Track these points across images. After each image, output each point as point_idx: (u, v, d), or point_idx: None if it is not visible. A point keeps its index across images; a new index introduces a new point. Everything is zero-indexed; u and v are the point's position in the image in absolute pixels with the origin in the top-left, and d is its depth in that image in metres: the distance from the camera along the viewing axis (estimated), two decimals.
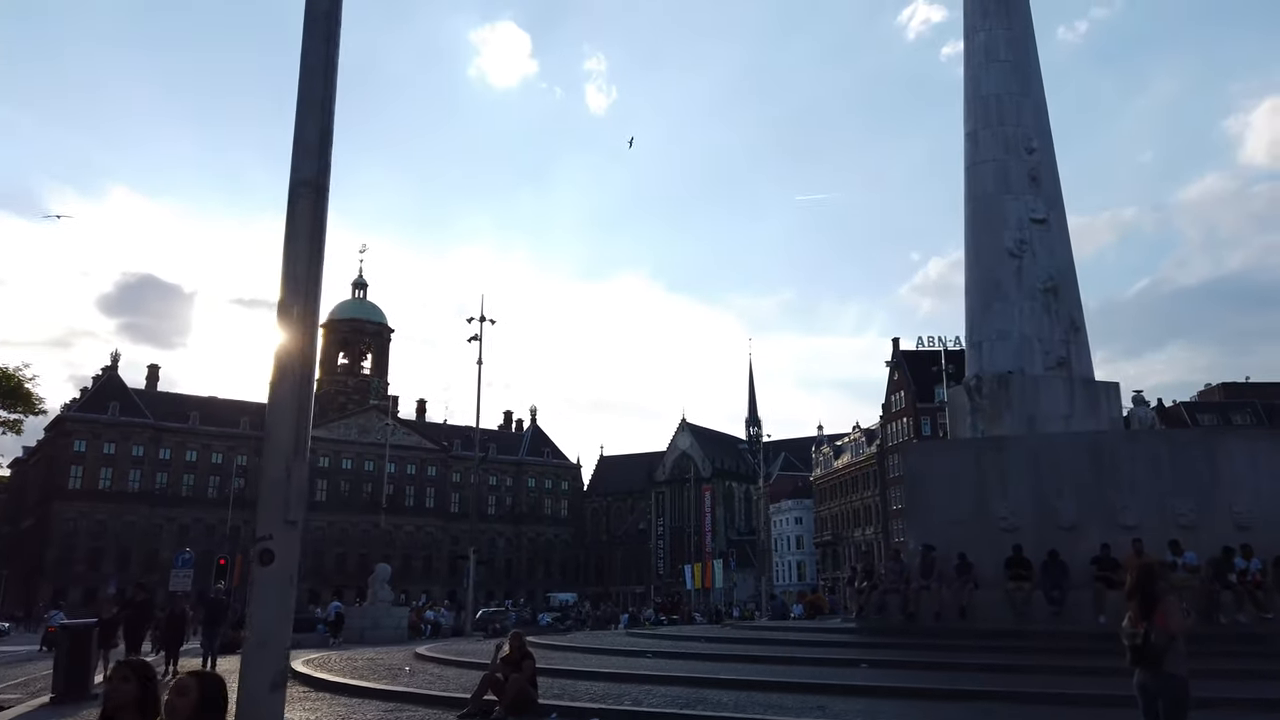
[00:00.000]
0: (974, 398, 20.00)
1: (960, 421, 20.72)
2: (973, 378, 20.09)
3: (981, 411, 19.80)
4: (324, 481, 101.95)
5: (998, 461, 15.22)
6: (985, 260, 22.01)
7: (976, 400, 19.93)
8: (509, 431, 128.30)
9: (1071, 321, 21.22)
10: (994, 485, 15.11)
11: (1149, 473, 14.42)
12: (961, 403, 20.39)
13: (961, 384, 20.23)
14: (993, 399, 19.61)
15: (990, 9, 22.75)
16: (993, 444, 15.90)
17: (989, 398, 19.72)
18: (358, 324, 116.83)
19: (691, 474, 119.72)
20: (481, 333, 36.53)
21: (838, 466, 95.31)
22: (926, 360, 78.33)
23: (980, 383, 20.12)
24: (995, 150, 22.33)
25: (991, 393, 19.72)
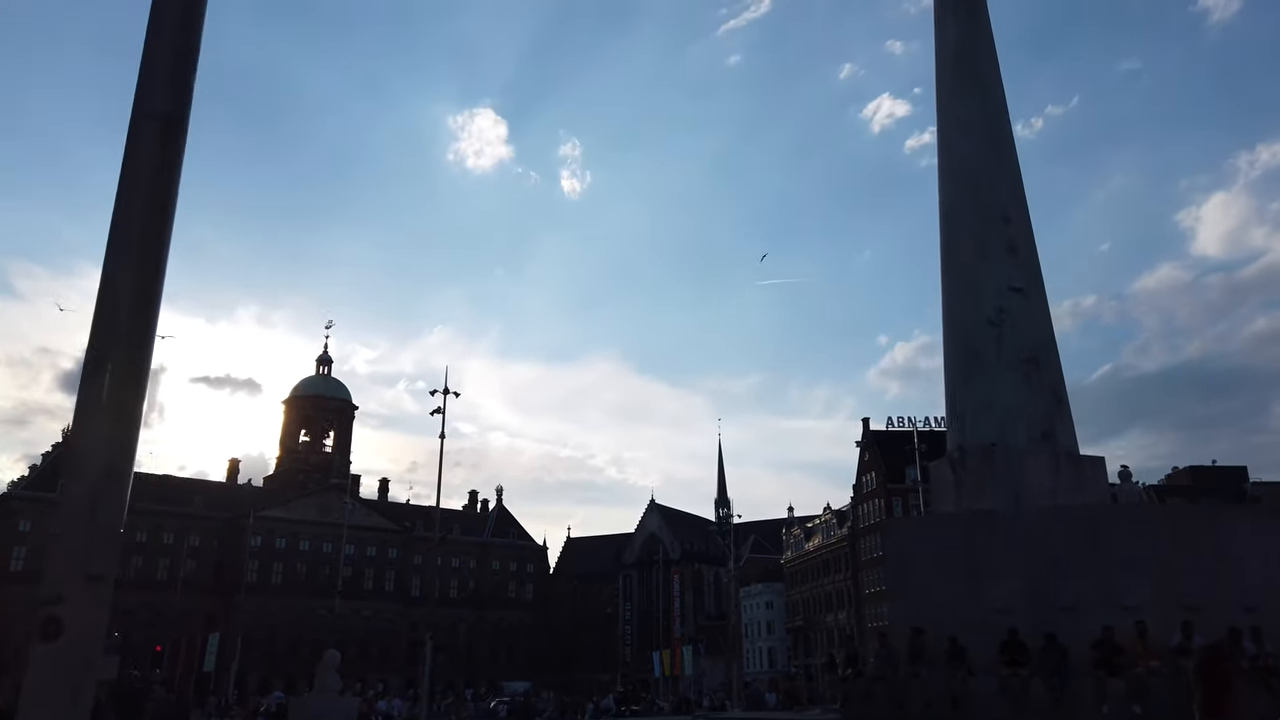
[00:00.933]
0: (957, 471, 19.06)
1: (943, 496, 19.73)
2: (955, 450, 19.20)
3: (965, 486, 18.86)
4: (280, 564, 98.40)
5: (989, 538, 14.27)
6: (964, 330, 21.32)
7: (960, 474, 19.00)
8: (474, 512, 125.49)
9: (1054, 393, 20.49)
10: (985, 563, 14.12)
11: (1149, 550, 13.53)
12: (944, 477, 19.44)
13: (944, 457, 19.33)
14: (976, 472, 18.69)
15: (964, 82, 22.63)
16: (983, 519, 14.96)
17: (973, 471, 18.80)
18: (321, 401, 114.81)
19: (660, 556, 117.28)
20: (445, 406, 35.40)
21: (809, 549, 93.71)
22: (897, 441, 77.76)
23: (963, 455, 19.22)
24: (971, 219, 21.89)
25: (975, 466, 18.81)
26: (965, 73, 22.31)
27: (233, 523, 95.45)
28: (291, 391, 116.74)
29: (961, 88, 22.18)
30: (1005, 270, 20.82)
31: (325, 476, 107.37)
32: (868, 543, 79.08)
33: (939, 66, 22.81)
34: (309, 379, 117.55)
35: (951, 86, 22.36)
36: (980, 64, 22.34)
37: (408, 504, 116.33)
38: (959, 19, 22.62)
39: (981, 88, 22.14)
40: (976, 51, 22.48)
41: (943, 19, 22.89)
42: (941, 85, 22.58)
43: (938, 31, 23.08)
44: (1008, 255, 21.07)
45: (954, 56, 22.48)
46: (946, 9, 22.79)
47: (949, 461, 18.95)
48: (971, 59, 22.36)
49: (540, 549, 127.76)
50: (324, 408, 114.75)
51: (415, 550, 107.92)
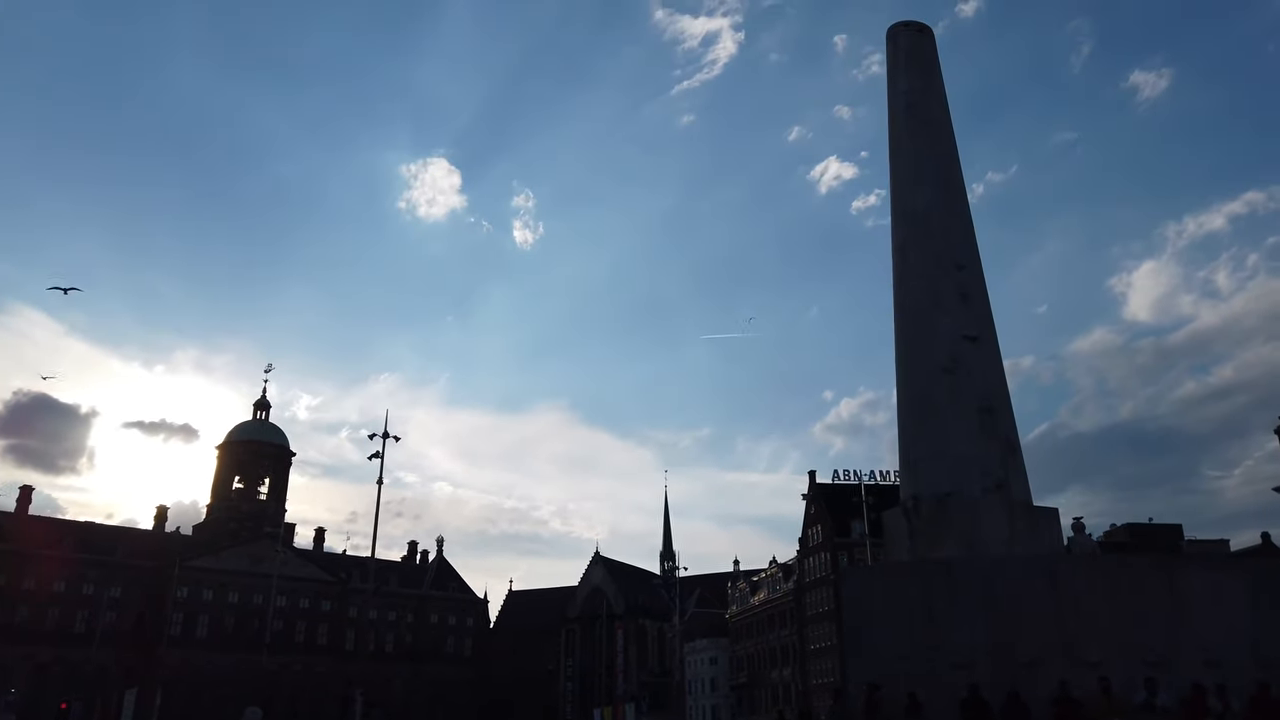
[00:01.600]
0: (911, 520, 18.62)
1: (898, 545, 19.24)
2: (909, 499, 18.78)
3: (919, 535, 18.40)
4: (207, 616, 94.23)
5: (947, 588, 13.76)
6: (918, 377, 21.04)
7: (914, 522, 18.56)
8: (413, 563, 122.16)
9: (1008, 442, 20.23)
10: (944, 615, 13.58)
11: (1110, 602, 13.13)
12: (899, 525, 18.97)
13: (899, 506, 18.87)
14: (931, 522, 18.25)
15: (916, 130, 22.72)
16: (941, 569, 14.45)
17: (927, 520, 18.37)
18: (256, 446, 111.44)
19: (604, 610, 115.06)
20: (384, 450, 34.23)
21: (754, 603, 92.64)
22: (843, 494, 77.69)
23: (918, 504, 18.79)
24: (925, 265, 21.76)
25: (930, 515, 18.38)
26: (917, 121, 22.40)
27: (158, 572, 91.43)
28: (226, 436, 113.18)
29: (914, 136, 22.24)
30: (958, 318, 20.66)
31: (258, 525, 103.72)
32: (814, 597, 78.36)
33: (891, 116, 22.91)
34: (245, 424, 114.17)
35: (904, 135, 22.43)
36: (932, 114, 22.47)
37: (344, 554, 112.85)
38: (911, 71, 22.80)
39: (933, 136, 22.23)
40: (928, 102, 22.62)
41: (895, 71, 23.06)
42: (894, 134, 22.64)
43: (890, 82, 23.23)
44: (960, 303, 20.95)
45: (906, 106, 22.60)
46: (899, 62, 22.97)
47: (903, 510, 18.50)
48: (924, 109, 22.49)
49: (481, 602, 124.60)
50: (259, 453, 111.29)
51: (350, 602, 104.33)
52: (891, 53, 23.70)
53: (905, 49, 23.46)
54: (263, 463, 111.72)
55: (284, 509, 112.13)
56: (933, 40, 23.87)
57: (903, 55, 23.29)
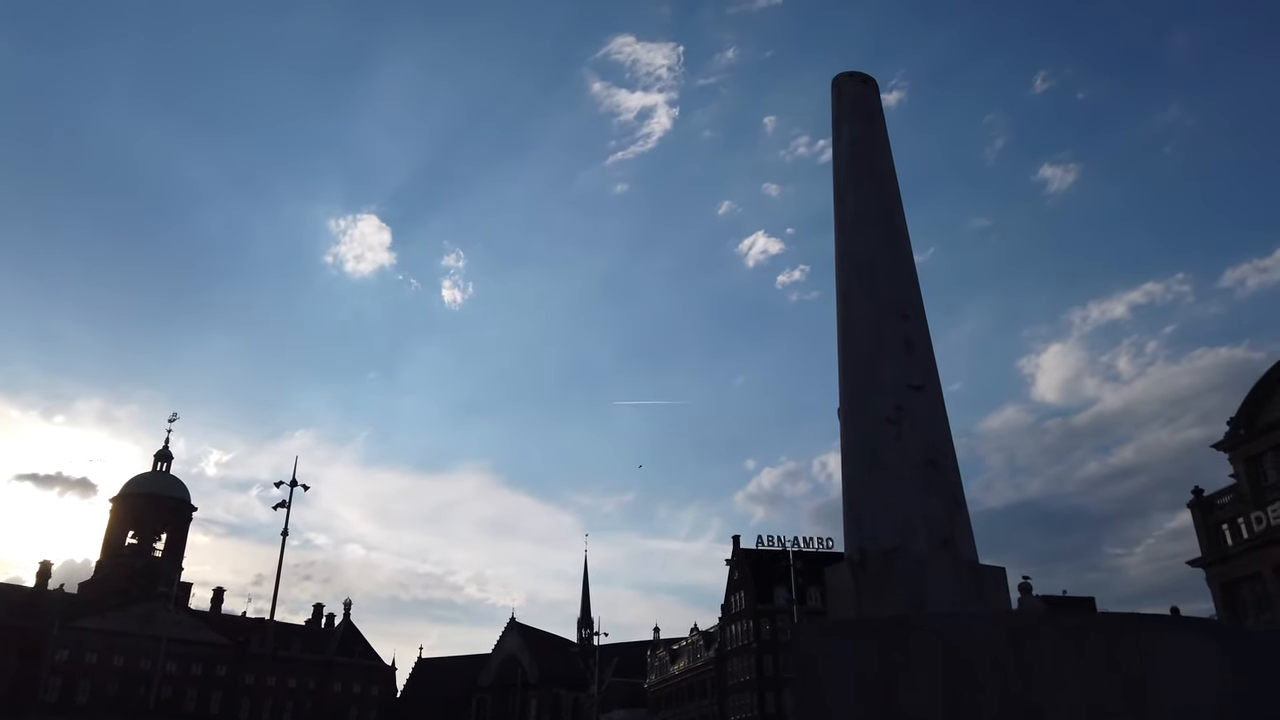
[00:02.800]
0: (857, 575, 17.40)
1: (842, 603, 17.97)
2: (856, 552, 17.59)
3: (865, 591, 17.18)
4: (88, 681, 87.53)
5: (904, 649, 12.62)
6: (862, 427, 20.04)
7: (860, 579, 17.34)
8: (318, 627, 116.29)
9: (954, 497, 19.27)
10: (902, 678, 12.41)
11: (1077, 667, 12.16)
12: (844, 581, 17.73)
13: (844, 560, 17.77)
14: (877, 578, 17.07)
15: (860, 176, 22.22)
16: (897, 627, 13.29)
17: (873, 576, 17.18)
18: (154, 499, 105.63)
19: (518, 679, 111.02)
20: (290, 499, 32.00)
21: (674, 672, 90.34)
22: (767, 560, 76.80)
23: (865, 559, 17.60)
24: (869, 311, 20.98)
25: (876, 571, 17.20)
26: (862, 168, 21.97)
27: (36, 633, 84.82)
28: (122, 488, 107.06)
29: (857, 182, 21.78)
30: (903, 367, 19.90)
31: (151, 584, 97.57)
32: (736, 665, 76.65)
33: (836, 166, 22.51)
34: (143, 475, 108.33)
35: (848, 181, 21.98)
36: (876, 161, 22.13)
37: (243, 616, 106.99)
38: (855, 121, 22.50)
39: (878, 183, 21.84)
40: (872, 151, 22.28)
41: (840, 121, 22.75)
42: (838, 180, 22.18)
43: (835, 132, 22.92)
44: (906, 351, 20.22)
45: (850, 155, 22.21)
46: (844, 112, 22.67)
47: (849, 565, 17.34)
48: (868, 156, 22.12)
49: (388, 669, 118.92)
50: (157, 507, 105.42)
51: (248, 668, 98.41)
52: (836, 102, 23.43)
53: (850, 99, 23.19)
54: (160, 517, 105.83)
55: (180, 567, 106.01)
56: (877, 92, 23.72)
57: (847, 105, 23.03)
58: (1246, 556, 48.76)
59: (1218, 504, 52.18)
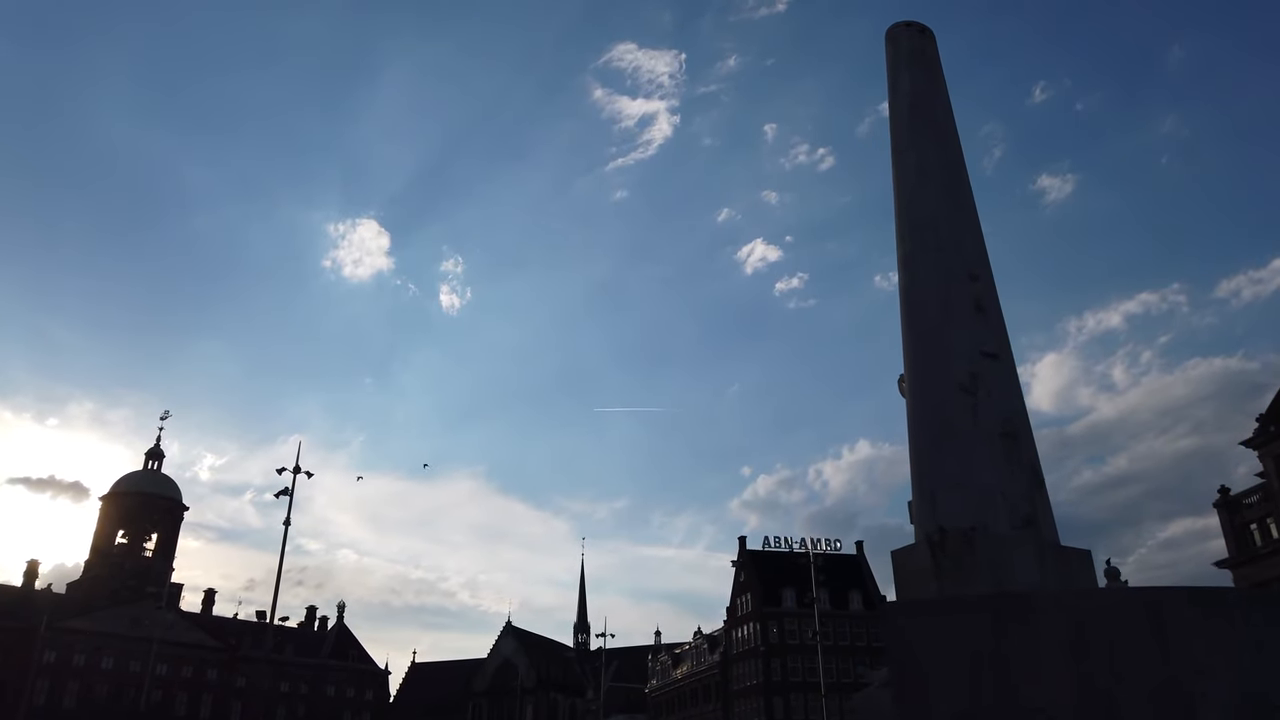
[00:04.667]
0: (937, 556, 15.65)
1: (915, 587, 16.22)
2: (935, 531, 15.88)
3: (948, 574, 15.44)
4: (76, 683, 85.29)
5: (1026, 629, 10.98)
6: (933, 397, 18.29)
7: (941, 560, 15.58)
8: (311, 630, 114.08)
9: (1034, 473, 17.56)
10: (1022, 662, 10.78)
11: (1228, 650, 10.57)
12: (921, 562, 15.99)
13: (922, 539, 16.09)
14: (957, 559, 15.34)
15: (921, 129, 20.62)
16: (1018, 604, 11.68)
17: (952, 557, 15.44)
18: (145, 499, 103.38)
19: (516, 684, 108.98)
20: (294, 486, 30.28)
21: (676, 677, 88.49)
22: (773, 562, 75.10)
23: (945, 539, 15.85)
24: (935, 276, 19.30)
25: (956, 551, 15.47)
26: (922, 120, 20.43)
27: (23, 634, 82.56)
28: (112, 487, 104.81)
29: (919, 135, 20.21)
30: (975, 332, 18.24)
31: (141, 584, 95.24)
32: (741, 669, 74.88)
33: (894, 118, 20.98)
34: (134, 474, 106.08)
35: (908, 135, 20.41)
36: (937, 113, 20.63)
37: (235, 619, 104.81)
38: (914, 71, 21.04)
39: (940, 136, 20.28)
40: (934, 102, 20.77)
41: (896, 71, 21.24)
42: (897, 135, 20.63)
43: (891, 84, 21.45)
44: (976, 315, 18.57)
45: (910, 106, 20.68)
46: (901, 60, 21.19)
47: (929, 544, 15.63)
48: (929, 109, 20.59)
49: (382, 673, 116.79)
50: (148, 506, 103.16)
51: (239, 671, 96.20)
52: (892, 53, 21.90)
53: (907, 49, 21.66)
54: (151, 517, 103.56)
55: (171, 567, 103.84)
56: (935, 43, 22.21)
57: (904, 55, 21.48)
58: (1278, 556, 47.33)
59: (1245, 504, 50.77)
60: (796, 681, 69.39)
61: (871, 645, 70.32)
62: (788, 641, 71.58)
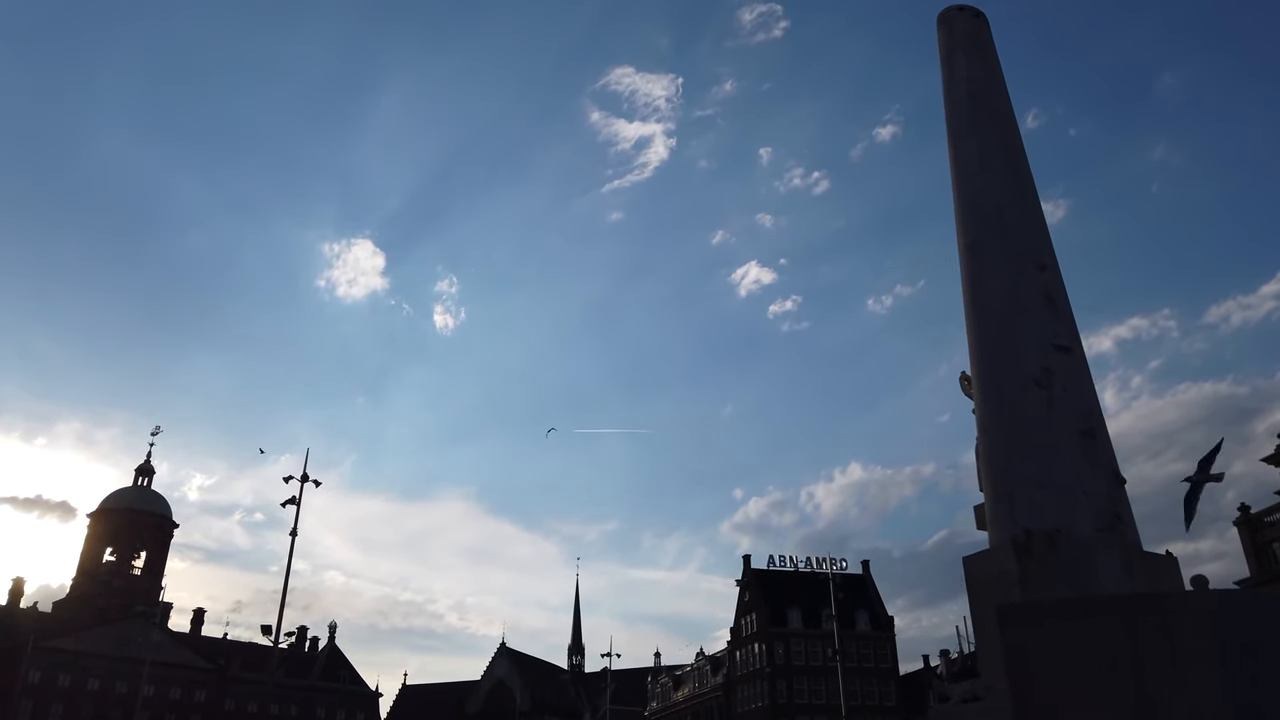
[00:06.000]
0: (1024, 560, 14.50)
1: (997, 595, 15.00)
2: (1021, 533, 14.73)
3: (1033, 580, 14.25)
4: (61, 705, 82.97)
5: (1164, 635, 9.87)
6: (1005, 391, 17.17)
7: (1027, 563, 14.42)
8: (302, 651, 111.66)
9: (1114, 473, 16.39)
10: (1162, 673, 9.67)
11: None
12: (1001, 569, 14.83)
13: (1004, 541, 14.93)
14: (1043, 564, 14.18)
15: (981, 116, 19.70)
16: (1152, 605, 10.59)
17: (1039, 562, 14.28)
18: (135, 515, 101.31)
19: (510, 707, 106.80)
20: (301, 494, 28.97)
21: (677, 699, 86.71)
22: (778, 582, 73.72)
23: (1030, 542, 14.70)
24: (1002, 265, 18.26)
25: (1041, 555, 14.31)
26: (981, 110, 19.52)
27: (7, 653, 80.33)
28: (100, 503, 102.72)
29: (978, 122, 19.29)
30: (1046, 325, 17.19)
31: (129, 603, 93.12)
32: (746, 691, 73.24)
33: (950, 104, 20.07)
34: (123, 490, 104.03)
35: (967, 122, 19.48)
36: (995, 99, 19.75)
37: (224, 639, 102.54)
38: (971, 57, 20.18)
39: (999, 123, 19.36)
40: (991, 90, 19.90)
41: (952, 58, 20.39)
42: (955, 121, 19.70)
43: (947, 70, 20.56)
44: (1047, 307, 17.51)
45: (968, 93, 19.76)
46: (956, 44, 20.33)
47: (1014, 547, 14.46)
48: (987, 95, 19.71)
49: (373, 695, 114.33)
50: (138, 523, 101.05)
51: (227, 693, 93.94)
52: (945, 38, 21.05)
53: (961, 34, 20.78)
54: (140, 534, 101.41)
55: (161, 586, 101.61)
56: (989, 27, 21.37)
57: (959, 40, 20.58)
58: None
59: (1266, 521, 49.80)
60: (803, 704, 67.90)
61: (879, 666, 69.11)
62: (794, 663, 70.11)
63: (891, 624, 73.20)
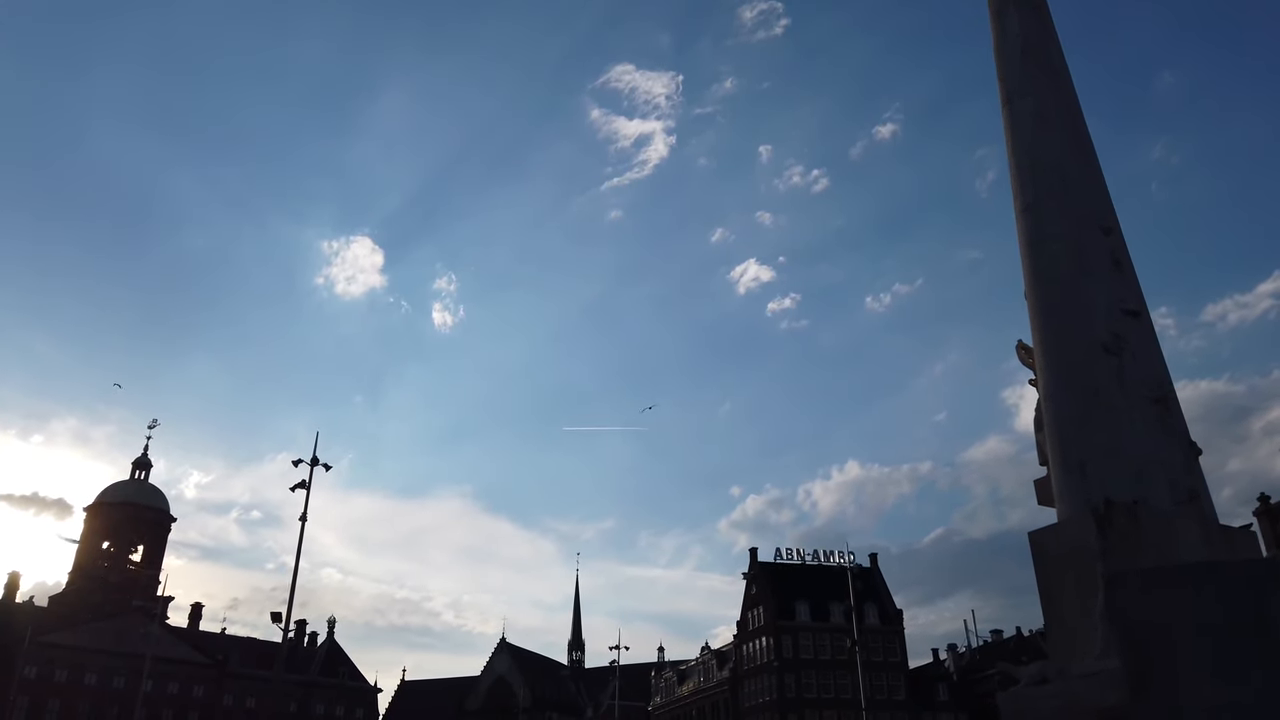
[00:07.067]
0: (1105, 531, 13.65)
1: (1074, 569, 14.15)
2: (1101, 504, 13.82)
3: (1114, 553, 13.37)
4: (58, 700, 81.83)
5: None
6: (1073, 359, 16.27)
7: (1109, 534, 13.57)
8: (300, 646, 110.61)
9: (1189, 443, 15.52)
10: None
11: None
12: (1080, 541, 13.95)
13: (1079, 512, 14.04)
14: (1122, 535, 13.33)
15: (1036, 73, 18.81)
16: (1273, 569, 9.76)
17: (1119, 534, 13.42)
18: (134, 509, 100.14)
19: (511, 703, 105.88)
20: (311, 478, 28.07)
21: (682, 694, 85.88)
22: (785, 575, 72.95)
23: (1110, 513, 13.83)
24: (1065, 225, 17.36)
25: (1122, 528, 13.44)
26: (1036, 64, 18.65)
27: (2, 649, 79.17)
28: (97, 497, 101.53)
29: (1034, 80, 18.42)
30: (1114, 288, 16.28)
31: (126, 597, 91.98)
32: (753, 685, 72.41)
33: (1003, 62, 19.22)
34: (120, 483, 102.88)
35: (1019, 80, 18.62)
36: (1051, 55, 18.93)
37: (223, 634, 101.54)
38: (1023, 14, 19.33)
39: (1054, 80, 18.50)
40: (1046, 44, 19.05)
41: (1003, 10, 19.50)
42: (1009, 80, 18.84)
43: (999, 28, 19.73)
44: (1114, 271, 16.60)
45: (1021, 50, 18.89)
46: (1006, 3, 19.51)
47: (1094, 517, 13.56)
48: (1041, 51, 18.85)
49: (372, 691, 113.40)
50: (136, 517, 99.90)
51: (226, 689, 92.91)
52: None
53: None
54: (138, 528, 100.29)
55: (158, 580, 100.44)
56: None
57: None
58: None
59: None
60: (811, 698, 67.13)
61: (888, 660, 68.36)
62: (801, 656, 69.38)
63: (900, 617, 72.61)
